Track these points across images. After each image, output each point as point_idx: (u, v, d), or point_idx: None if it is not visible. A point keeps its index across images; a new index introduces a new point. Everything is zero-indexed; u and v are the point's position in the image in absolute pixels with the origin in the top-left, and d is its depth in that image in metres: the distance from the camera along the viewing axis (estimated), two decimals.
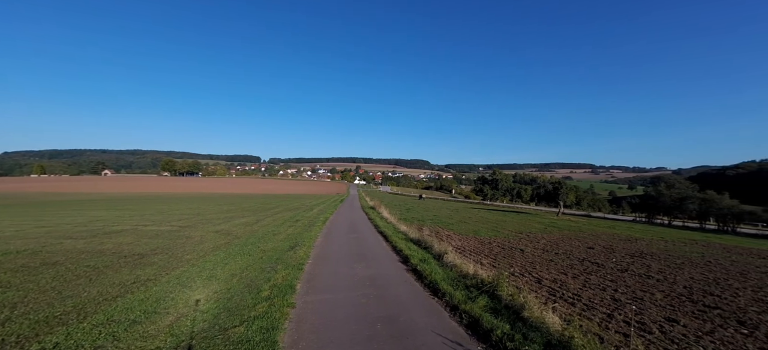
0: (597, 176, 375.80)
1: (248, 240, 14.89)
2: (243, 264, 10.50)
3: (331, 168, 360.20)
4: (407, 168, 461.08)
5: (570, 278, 11.62)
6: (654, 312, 8.58)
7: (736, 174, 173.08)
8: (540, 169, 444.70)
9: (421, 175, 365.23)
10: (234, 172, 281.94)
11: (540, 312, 5.92)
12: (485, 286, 7.87)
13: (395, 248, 13.93)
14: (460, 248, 16.12)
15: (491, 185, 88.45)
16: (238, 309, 6.79)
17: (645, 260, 15.89)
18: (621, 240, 23.16)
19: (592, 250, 17.96)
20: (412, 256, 11.79)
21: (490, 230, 24.33)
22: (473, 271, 9.42)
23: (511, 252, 15.97)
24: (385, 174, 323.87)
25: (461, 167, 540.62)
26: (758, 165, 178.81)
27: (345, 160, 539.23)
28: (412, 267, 10.78)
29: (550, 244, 19.39)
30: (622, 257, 16.11)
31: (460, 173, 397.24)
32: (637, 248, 19.41)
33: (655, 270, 13.60)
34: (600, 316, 7.95)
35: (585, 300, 9.10)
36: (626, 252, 17.81)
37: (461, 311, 6.85)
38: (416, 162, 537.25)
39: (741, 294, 10.83)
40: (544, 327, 5.57)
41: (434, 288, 8.49)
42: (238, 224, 20.48)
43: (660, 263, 15.34)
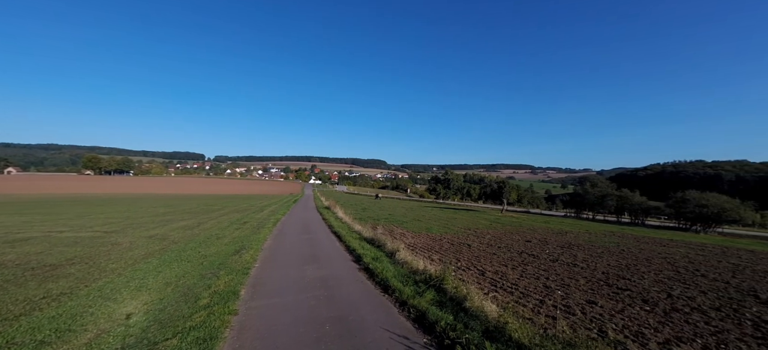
0: (536, 176, 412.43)
1: (187, 245, 13.71)
2: (179, 272, 9.63)
3: (284, 167, 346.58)
4: (364, 168, 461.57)
5: (510, 269, 12.59)
6: (578, 295, 9.66)
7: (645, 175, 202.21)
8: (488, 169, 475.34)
9: (378, 175, 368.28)
10: (173, 171, 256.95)
11: (480, 302, 6.33)
12: (433, 281, 8.19)
13: (349, 248, 13.86)
14: (412, 245, 16.57)
15: (444, 185, 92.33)
16: (171, 321, 6.21)
17: (572, 250, 17.82)
18: (554, 234, 25.70)
19: (529, 243, 19.66)
20: (365, 255, 11.83)
21: (442, 227, 25.38)
22: (423, 267, 9.74)
23: (460, 247, 16.82)
24: (342, 174, 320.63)
25: (417, 167, 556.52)
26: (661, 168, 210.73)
27: (300, 159, 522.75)
28: (364, 266, 10.81)
29: (494, 239, 20.81)
30: (553, 249, 17.88)
31: (415, 173, 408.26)
32: (566, 241, 21.70)
33: (580, 259, 15.33)
34: (533, 302, 8.73)
35: (521, 289, 9.93)
36: (557, 244, 19.81)
37: (409, 306, 7.05)
38: (373, 162, 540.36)
39: (646, 277, 12.67)
40: (482, 316, 5.98)
41: (385, 286, 8.61)
42: (175, 228, 18.74)
43: (584, 252, 17.33)
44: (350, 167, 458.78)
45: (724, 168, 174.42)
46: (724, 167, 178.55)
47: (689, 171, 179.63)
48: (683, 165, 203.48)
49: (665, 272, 13.72)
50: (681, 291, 10.71)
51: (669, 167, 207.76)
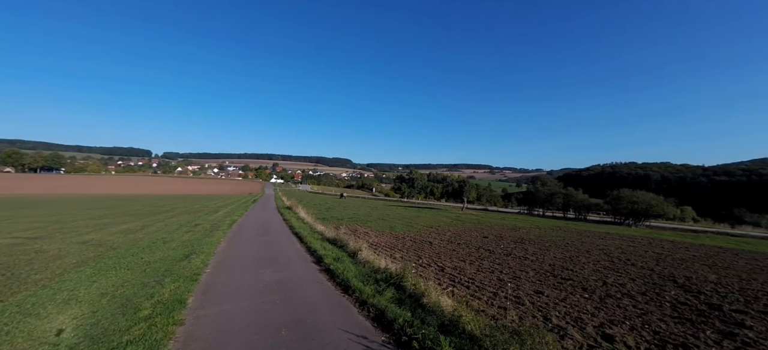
0: (494, 176, 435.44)
1: (128, 251, 12.51)
2: (117, 280, 8.75)
3: (243, 165, 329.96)
4: (329, 167, 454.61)
5: (467, 264, 13.14)
6: (527, 286, 10.34)
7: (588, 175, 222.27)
8: (450, 169, 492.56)
9: (344, 174, 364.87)
10: (113, 168, 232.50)
11: (437, 297, 6.53)
12: (393, 279, 8.29)
13: (310, 249, 13.56)
14: (375, 244, 16.63)
15: (408, 184, 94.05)
16: (105, 336, 5.62)
17: (524, 245, 19.05)
18: (508, 229, 27.30)
19: (486, 239, 20.68)
20: (326, 256, 11.65)
21: (405, 226, 25.80)
22: (384, 265, 9.82)
23: (421, 245, 17.22)
24: (306, 172, 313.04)
25: (382, 166, 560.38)
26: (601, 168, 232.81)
27: (261, 157, 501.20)
28: (325, 266, 10.64)
29: (454, 235, 21.59)
30: (507, 244, 18.99)
31: (381, 172, 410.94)
32: (519, 236, 23.16)
33: (530, 253, 16.44)
34: (488, 295, 9.19)
35: (477, 282, 10.40)
36: (511, 239, 21.07)
37: (369, 305, 7.06)
38: (338, 161, 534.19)
39: (586, 267, 13.91)
40: (439, 310, 6.18)
41: (346, 286, 8.55)
42: (115, 233, 17.02)
43: (534, 247, 18.62)
44: (315, 165, 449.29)
45: (652, 169, 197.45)
46: (651, 168, 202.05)
47: (624, 172, 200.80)
48: (619, 166, 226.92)
49: (602, 262, 15.19)
50: (614, 279, 11.92)
51: (607, 167, 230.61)
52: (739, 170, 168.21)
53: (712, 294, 10.60)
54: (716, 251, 21.71)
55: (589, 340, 6.57)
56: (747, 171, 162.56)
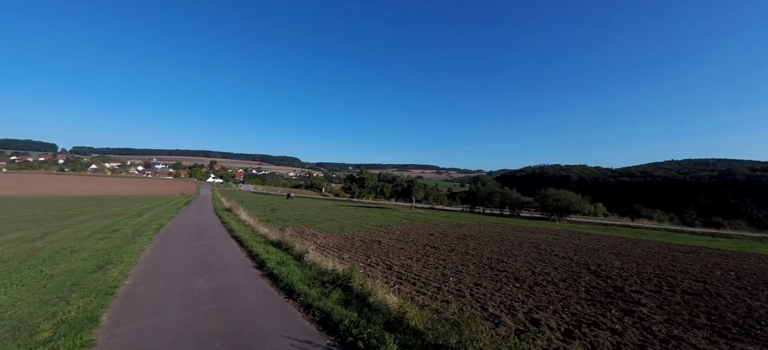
0: (440, 176, 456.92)
1: (24, 263, 10.47)
2: (7, 300, 7.26)
3: (175, 163, 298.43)
4: (275, 165, 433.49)
5: (414, 261, 13.54)
6: (468, 280, 11.00)
7: (521, 175, 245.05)
8: (400, 169, 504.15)
9: (291, 173, 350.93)
10: (5, 165, 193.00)
11: (383, 296, 6.60)
12: (340, 280, 8.17)
13: (251, 253, 12.74)
14: (323, 245, 16.26)
15: (359, 184, 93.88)
16: None
17: (466, 241, 20.28)
18: (452, 227, 28.83)
19: (432, 237, 21.56)
20: (270, 259, 11.06)
21: (355, 226, 25.69)
22: (332, 267, 9.63)
23: (371, 244, 17.30)
24: (249, 172, 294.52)
25: (332, 165, 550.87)
26: (532, 170, 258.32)
27: (196, 154, 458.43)
28: (268, 271, 10.08)
29: (403, 234, 22.12)
30: (451, 241, 20.03)
31: (330, 172, 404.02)
32: (462, 233, 24.61)
33: (471, 248, 17.56)
34: (432, 290, 9.57)
35: (423, 279, 10.78)
36: (454, 236, 22.28)
37: (315, 308, 6.87)
38: (285, 159, 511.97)
39: (518, 259, 15.28)
40: (385, 309, 6.25)
41: (290, 290, 8.20)
42: (5, 242, 14.14)
43: (475, 242, 19.92)
44: (259, 164, 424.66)
45: (572, 171, 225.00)
46: (572, 170, 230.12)
47: (550, 173, 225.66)
48: (546, 168, 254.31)
49: (531, 254, 16.83)
50: (541, 269, 13.28)
51: (537, 169, 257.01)
52: (638, 172, 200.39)
53: (616, 278, 12.40)
54: (620, 241, 25.48)
55: (519, 325, 7.22)
56: (644, 173, 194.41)
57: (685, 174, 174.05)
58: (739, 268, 15.87)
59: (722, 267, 16.09)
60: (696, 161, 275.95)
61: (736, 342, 6.88)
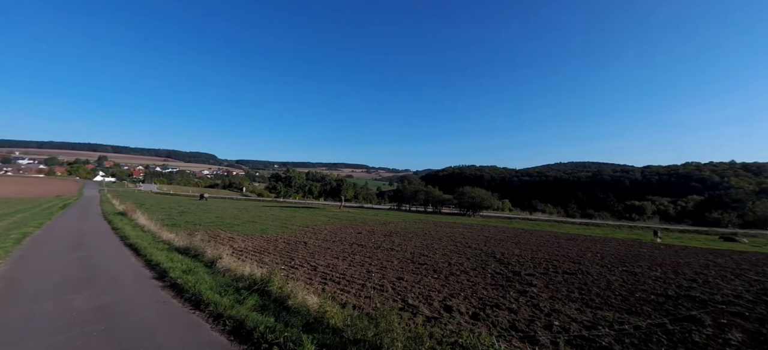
0: (370, 175, 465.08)
1: None
2: None
3: (47, 158, 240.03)
4: (186, 162, 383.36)
5: (340, 260, 13.48)
6: (391, 274, 11.42)
7: (443, 175, 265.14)
8: (329, 168, 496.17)
9: (206, 171, 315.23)
10: None
11: (303, 298, 6.40)
12: (257, 285, 7.64)
13: (150, 263, 11.02)
14: (241, 249, 15.01)
15: (285, 183, 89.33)
16: None
17: (392, 238, 21.04)
18: (380, 224, 29.60)
19: (359, 235, 21.78)
20: (174, 268, 9.72)
21: (279, 227, 24.37)
22: (249, 272, 8.94)
23: (296, 246, 16.62)
24: (152, 169, 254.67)
25: (256, 163, 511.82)
26: (452, 169, 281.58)
27: (79, 147, 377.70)
28: (171, 281, 8.85)
29: (330, 234, 21.83)
30: (378, 238, 20.55)
31: (253, 170, 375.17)
32: (388, 230, 25.46)
33: (396, 244, 18.29)
34: (356, 287, 9.65)
35: (348, 277, 10.80)
36: (381, 233, 22.92)
37: (226, 317, 6.28)
38: (199, 156, 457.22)
39: (437, 252, 16.46)
40: (304, 310, 6.07)
41: (197, 301, 7.33)
42: None
43: (400, 238, 20.81)
44: (165, 160, 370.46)
45: (485, 171, 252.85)
46: (484, 170, 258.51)
47: (467, 173, 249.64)
48: (464, 168, 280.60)
49: (449, 247, 18.34)
50: (456, 260, 14.57)
51: (457, 169, 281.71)
52: (535, 173, 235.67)
53: (515, 264, 14.32)
54: (521, 232, 29.53)
55: (434, 312, 7.78)
56: (539, 173, 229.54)
57: (569, 174, 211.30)
58: (603, 250, 19.90)
59: (592, 250, 19.96)
60: (576, 164, 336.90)
61: (598, 310, 8.59)
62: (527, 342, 6.38)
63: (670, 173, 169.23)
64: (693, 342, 6.58)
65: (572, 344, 6.37)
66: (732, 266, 15.96)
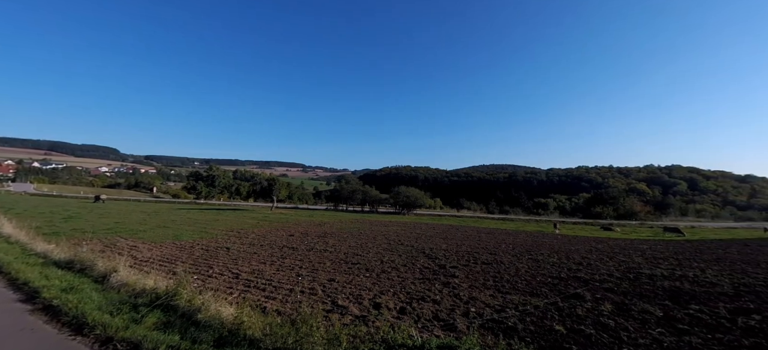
0: (307, 174, 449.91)
1: None
2: None
3: None
4: (77, 157, 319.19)
5: (268, 265, 12.68)
6: (323, 276, 11.15)
7: (381, 175, 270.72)
8: (261, 166, 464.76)
9: (104, 168, 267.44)
10: None
11: (217, 309, 5.80)
12: (161, 299, 6.69)
13: (15, 283, 8.82)
14: (145, 260, 13.05)
15: (207, 182, 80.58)
16: None
17: (326, 239, 20.62)
18: (314, 225, 28.80)
19: (292, 237, 20.85)
20: (49, 287, 7.94)
21: (198, 232, 21.90)
22: (152, 285, 7.78)
23: (216, 252, 15.12)
24: (28, 165, 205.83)
25: (171, 160, 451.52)
26: (389, 169, 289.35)
27: None
28: (44, 303, 7.21)
29: (259, 237, 20.42)
30: (311, 239, 19.93)
31: (168, 168, 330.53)
32: (323, 231, 24.92)
33: (331, 245, 17.98)
34: (284, 293, 9.17)
35: (275, 283, 10.20)
36: (315, 235, 22.31)
37: (118, 340, 5.34)
38: (94, 149, 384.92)
39: (371, 251, 16.65)
40: (217, 323, 5.50)
41: (80, 324, 6.10)
42: None
43: (334, 239, 20.52)
44: (46, 154, 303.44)
45: (419, 172, 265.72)
46: (419, 170, 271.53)
47: (403, 173, 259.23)
48: (401, 168, 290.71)
49: (382, 245, 18.72)
50: (388, 258, 14.93)
51: (393, 169, 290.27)
52: (463, 173, 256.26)
53: (442, 258, 15.28)
54: (448, 228, 31.70)
55: (364, 311, 7.82)
56: (466, 174, 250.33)
57: (490, 175, 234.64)
58: (515, 242, 22.51)
59: (506, 242, 22.41)
60: (497, 166, 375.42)
61: (507, 294, 9.64)
62: (447, 329, 6.82)
63: (567, 174, 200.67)
64: (577, 315, 7.83)
65: (485, 327, 7.01)
66: (608, 250, 19.56)
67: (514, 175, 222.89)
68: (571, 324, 7.18)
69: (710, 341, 6.44)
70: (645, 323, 7.39)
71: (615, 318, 7.67)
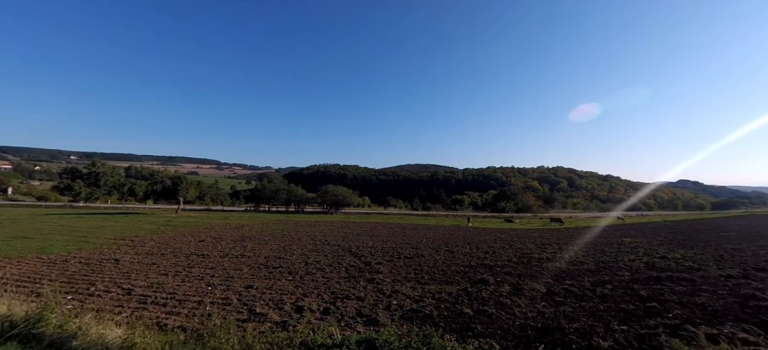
0: (222, 172, 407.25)
1: None
2: None
3: None
4: None
5: (171, 277, 11.14)
6: (239, 284, 10.29)
7: (308, 173, 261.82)
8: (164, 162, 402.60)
9: None
10: None
11: (98, 333, 4.85)
12: (19, 327, 5.30)
13: None
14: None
15: (88, 181, 66.17)
16: None
17: (244, 242, 19.06)
18: (231, 229, 26.34)
19: (202, 243, 18.68)
20: None
21: (74, 243, 17.94)
22: (6, 311, 6.10)
23: (100, 266, 12.62)
24: None
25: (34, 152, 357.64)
26: (318, 168, 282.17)
27: None
28: None
29: (159, 245, 17.76)
30: (226, 244, 18.19)
31: (30, 162, 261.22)
32: (241, 234, 22.98)
33: (249, 249, 16.69)
34: (191, 305, 8.18)
35: (180, 296, 9.02)
36: (232, 239, 20.42)
37: None
38: None
39: (295, 253, 16.00)
40: (100, 348, 4.62)
41: None
42: None
43: (254, 243, 19.11)
44: None
45: (348, 170, 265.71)
46: (348, 169, 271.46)
47: (332, 171, 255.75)
48: (329, 167, 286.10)
49: (308, 246, 18.18)
50: (314, 259, 14.58)
51: (321, 167, 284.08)
52: (390, 172, 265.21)
53: (368, 255, 15.58)
54: (376, 225, 32.46)
55: (285, 316, 7.50)
56: (394, 173, 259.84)
57: (415, 174, 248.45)
58: (435, 236, 24.28)
59: (427, 236, 24.01)
60: (421, 165, 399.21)
61: (426, 285, 10.36)
62: (369, 324, 7.01)
63: (480, 174, 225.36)
64: (482, 297, 8.88)
65: (405, 318, 7.43)
66: (509, 239, 22.61)
67: (436, 174, 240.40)
68: (478, 306, 8.11)
69: (578, 309, 8.01)
70: (533, 299, 8.79)
71: (511, 297, 8.94)
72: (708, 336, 6.08)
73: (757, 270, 11.76)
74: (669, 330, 6.54)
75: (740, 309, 7.67)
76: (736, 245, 18.57)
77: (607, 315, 7.48)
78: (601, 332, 6.49)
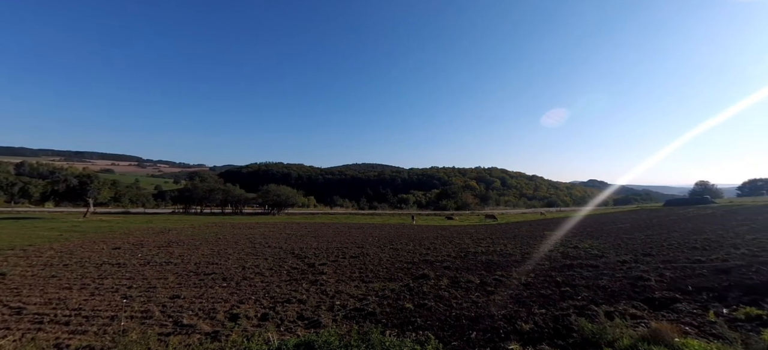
0: (144, 170, 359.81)
1: None
2: None
3: None
4: None
5: (76, 291, 9.56)
6: (163, 295, 9.24)
7: (247, 172, 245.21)
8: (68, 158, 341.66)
9: None
10: None
11: None
12: None
13: None
14: None
15: None
16: None
17: (170, 248, 17.17)
18: (154, 234, 23.50)
19: (117, 250, 16.35)
20: None
21: None
22: None
23: None
24: None
25: None
26: (258, 166, 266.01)
27: None
28: None
29: (61, 254, 15.09)
30: (148, 251, 16.19)
31: None
32: (167, 239, 20.65)
33: (176, 255, 15.08)
34: (101, 322, 7.13)
35: (87, 312, 7.81)
36: (155, 245, 18.23)
37: None
38: None
39: (230, 258, 14.90)
40: None
41: None
42: None
43: (182, 248, 17.32)
44: None
45: (292, 169, 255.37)
46: (292, 168, 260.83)
47: (274, 170, 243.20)
48: (272, 165, 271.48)
49: (245, 249, 17.08)
50: (252, 262, 13.75)
51: (263, 166, 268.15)
52: (337, 171, 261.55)
53: (312, 257, 15.20)
54: (321, 225, 31.77)
55: (217, 326, 6.95)
56: (340, 172, 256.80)
57: (361, 174, 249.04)
58: (380, 234, 24.64)
59: (373, 235, 24.25)
60: (367, 165, 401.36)
61: (370, 283, 10.49)
62: (311, 326, 6.87)
63: (424, 173, 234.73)
64: (423, 292, 9.30)
65: (348, 317, 7.43)
66: (449, 236, 23.99)
67: (383, 174, 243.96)
68: (418, 301, 8.47)
69: (506, 296, 8.85)
70: (468, 290, 9.47)
71: (449, 289, 9.51)
72: (606, 314, 7.19)
73: (644, 255, 14.24)
74: (577, 310, 7.59)
75: (631, 289, 9.22)
76: (630, 234, 22.27)
77: (529, 301, 8.39)
78: (524, 316, 7.26)
